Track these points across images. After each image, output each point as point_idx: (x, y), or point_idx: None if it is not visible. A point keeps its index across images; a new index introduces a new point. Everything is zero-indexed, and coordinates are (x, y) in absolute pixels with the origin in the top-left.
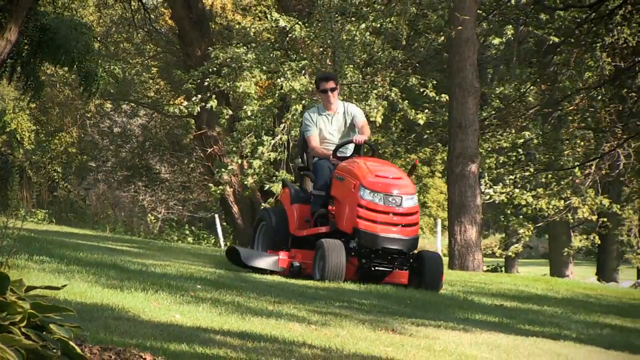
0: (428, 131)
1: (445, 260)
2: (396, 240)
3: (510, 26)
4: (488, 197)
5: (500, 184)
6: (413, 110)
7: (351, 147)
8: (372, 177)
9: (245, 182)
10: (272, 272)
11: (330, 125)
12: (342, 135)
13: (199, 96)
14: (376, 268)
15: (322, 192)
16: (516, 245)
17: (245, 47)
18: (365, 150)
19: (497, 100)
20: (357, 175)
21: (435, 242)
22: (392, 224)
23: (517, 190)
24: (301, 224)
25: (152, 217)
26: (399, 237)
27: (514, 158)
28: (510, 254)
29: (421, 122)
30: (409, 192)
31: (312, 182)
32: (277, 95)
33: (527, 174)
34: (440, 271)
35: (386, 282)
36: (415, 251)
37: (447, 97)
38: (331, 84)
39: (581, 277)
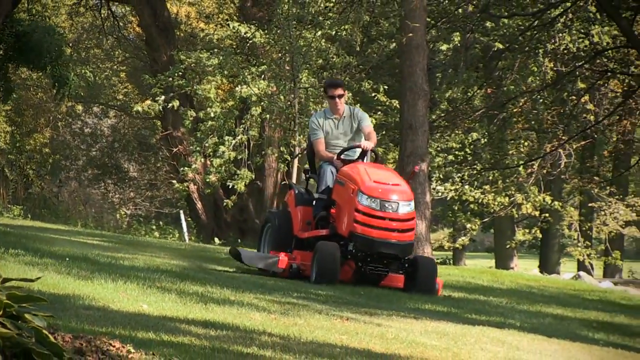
0: (381, 132)
1: None
2: (391, 245)
3: (458, 33)
4: (439, 193)
5: (450, 181)
6: (365, 113)
7: (357, 151)
8: (371, 183)
9: (208, 180)
10: (273, 273)
11: (336, 130)
12: (349, 139)
13: (163, 97)
14: (371, 272)
15: (324, 195)
16: (463, 237)
17: (208, 53)
18: (373, 157)
19: (446, 103)
20: (356, 180)
21: None
22: (388, 229)
23: (467, 187)
24: (304, 226)
25: (122, 213)
26: (394, 242)
27: (461, 157)
28: (457, 245)
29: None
30: (406, 198)
31: (317, 185)
32: (238, 97)
33: (474, 172)
34: (433, 276)
35: (383, 286)
36: (411, 256)
37: (398, 101)
38: (339, 91)
39: (525, 269)
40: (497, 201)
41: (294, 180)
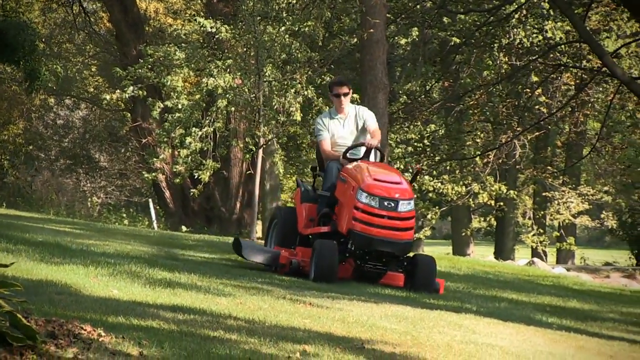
0: None
1: None
2: (390, 243)
3: (416, 28)
4: None
5: (409, 171)
6: (327, 106)
7: (362, 150)
8: (371, 181)
9: (176, 170)
10: (275, 269)
11: (342, 129)
12: (354, 138)
13: (131, 87)
14: (370, 270)
15: (327, 193)
16: (425, 229)
17: (176, 47)
18: (380, 156)
19: (405, 96)
20: (357, 178)
21: None
22: (387, 227)
23: (427, 178)
24: (307, 223)
25: (93, 202)
26: (392, 240)
27: (420, 148)
28: (421, 236)
29: None
30: (406, 197)
31: (323, 183)
32: (204, 90)
33: (432, 162)
34: (432, 274)
35: (382, 284)
36: (411, 254)
37: (359, 94)
38: (344, 89)
39: (481, 255)
40: (454, 190)
41: (258, 171)
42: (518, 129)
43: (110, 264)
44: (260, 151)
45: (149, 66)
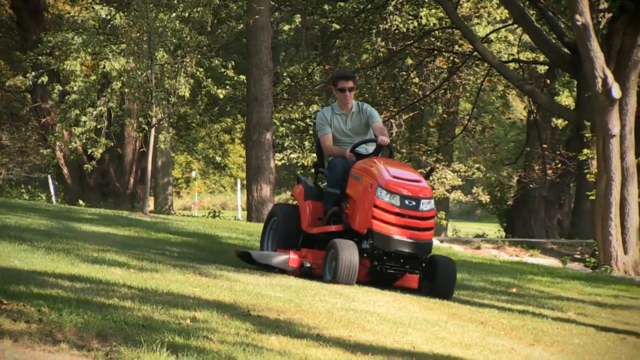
0: (229, 104)
1: (244, 214)
2: (410, 244)
3: (299, 15)
4: (286, 159)
5: (295, 148)
6: (215, 87)
7: (371, 147)
8: (390, 178)
9: (71, 147)
10: (281, 271)
11: (345, 125)
12: (358, 135)
13: (33, 73)
14: (388, 271)
15: (336, 190)
16: None
17: (73, 33)
18: (388, 154)
19: (288, 78)
20: (375, 175)
21: (235, 199)
22: (407, 226)
23: (314, 155)
24: (313, 222)
25: None
26: (413, 241)
27: (303, 127)
28: None
29: (221, 96)
30: (426, 195)
31: (326, 179)
32: (100, 73)
33: (314, 140)
34: (453, 278)
35: (396, 286)
36: (428, 256)
37: (245, 76)
38: (350, 84)
39: None
40: None
41: (150, 148)
42: (394, 109)
43: (12, 237)
44: (153, 130)
45: (48, 51)
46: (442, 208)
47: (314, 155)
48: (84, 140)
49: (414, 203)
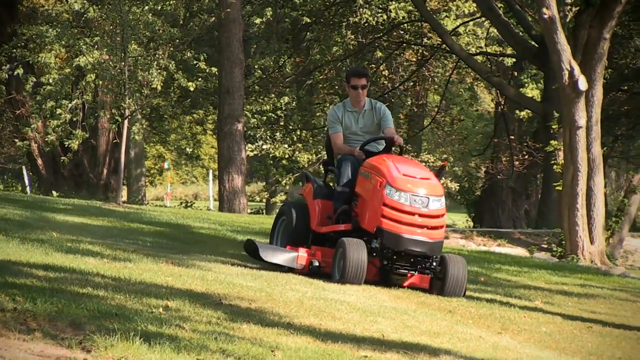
0: (202, 96)
1: (217, 204)
2: (420, 243)
3: (270, 8)
4: (257, 150)
5: (267, 139)
6: (186, 80)
7: (381, 145)
8: (400, 176)
9: (47, 139)
10: (289, 269)
11: (356, 124)
12: (369, 134)
13: (8, 65)
14: (398, 270)
15: (346, 188)
16: (280, 194)
17: (47, 25)
18: (397, 151)
19: (259, 71)
20: (384, 173)
21: (207, 190)
22: (418, 225)
23: (285, 146)
24: (323, 220)
25: None
26: (423, 240)
27: (274, 118)
28: (277, 201)
29: (192, 88)
30: (437, 193)
31: (335, 178)
32: (74, 65)
33: (285, 132)
34: (464, 277)
35: (406, 286)
36: (439, 255)
37: (217, 69)
38: (363, 81)
39: None
40: (306, 157)
41: (123, 140)
42: None
43: None
44: (126, 122)
45: (22, 44)
46: None
47: (286, 146)
48: (60, 133)
49: (423, 201)
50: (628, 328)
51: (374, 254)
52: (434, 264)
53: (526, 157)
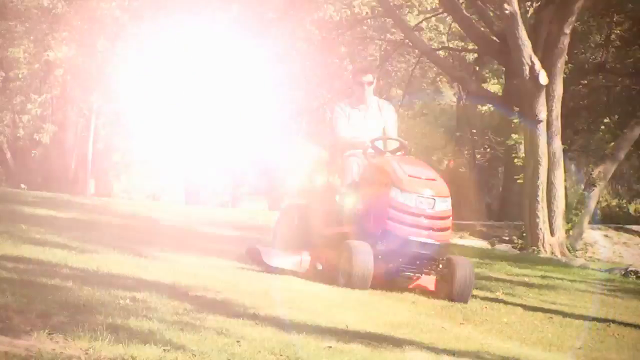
0: None
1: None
2: (426, 245)
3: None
4: None
5: None
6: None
7: (389, 144)
8: (405, 177)
9: (18, 135)
10: (293, 273)
11: (362, 120)
12: (373, 132)
13: None
14: (404, 273)
15: (350, 189)
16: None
17: (16, 21)
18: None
19: None
20: (389, 174)
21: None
22: (423, 227)
23: None
24: (326, 222)
25: None
26: (429, 242)
27: None
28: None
29: None
30: (443, 194)
31: (339, 178)
32: (43, 60)
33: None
34: (471, 280)
35: (411, 288)
36: (445, 257)
37: None
38: (369, 78)
39: None
40: None
41: (91, 133)
42: (327, 96)
43: None
44: (94, 115)
45: None
46: None
47: None
48: (30, 127)
49: (429, 203)
50: (588, 319)
51: (379, 257)
52: (440, 266)
53: (488, 150)
